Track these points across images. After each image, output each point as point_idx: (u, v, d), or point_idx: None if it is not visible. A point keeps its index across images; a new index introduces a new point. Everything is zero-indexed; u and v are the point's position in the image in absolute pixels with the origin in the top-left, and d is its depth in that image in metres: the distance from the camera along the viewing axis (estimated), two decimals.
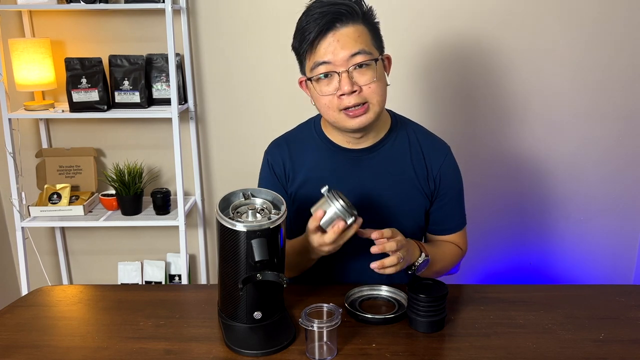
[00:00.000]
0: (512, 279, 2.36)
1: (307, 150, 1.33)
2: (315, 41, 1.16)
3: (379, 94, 1.19)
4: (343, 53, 1.15)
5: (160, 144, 2.25)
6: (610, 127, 2.18)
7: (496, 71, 2.14)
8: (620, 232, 2.31)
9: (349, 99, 1.16)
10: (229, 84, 2.20)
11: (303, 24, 1.18)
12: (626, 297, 1.22)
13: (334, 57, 1.15)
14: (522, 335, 1.07)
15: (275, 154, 1.35)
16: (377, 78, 1.17)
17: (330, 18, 1.14)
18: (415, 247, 1.22)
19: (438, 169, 1.31)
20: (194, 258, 2.42)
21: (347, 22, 1.15)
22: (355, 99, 1.17)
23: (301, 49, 1.19)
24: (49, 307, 1.23)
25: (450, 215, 1.36)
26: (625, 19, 2.06)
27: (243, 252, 1.00)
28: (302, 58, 1.22)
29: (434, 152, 1.32)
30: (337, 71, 1.16)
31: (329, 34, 1.15)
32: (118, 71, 2.08)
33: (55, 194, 2.16)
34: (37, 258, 2.30)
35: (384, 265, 1.11)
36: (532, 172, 2.25)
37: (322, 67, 1.17)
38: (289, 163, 1.33)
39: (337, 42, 1.15)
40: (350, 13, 1.15)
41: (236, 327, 1.07)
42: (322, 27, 1.14)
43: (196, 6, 2.11)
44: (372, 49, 1.18)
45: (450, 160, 1.34)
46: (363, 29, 1.17)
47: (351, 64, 1.15)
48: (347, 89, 1.15)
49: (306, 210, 1.13)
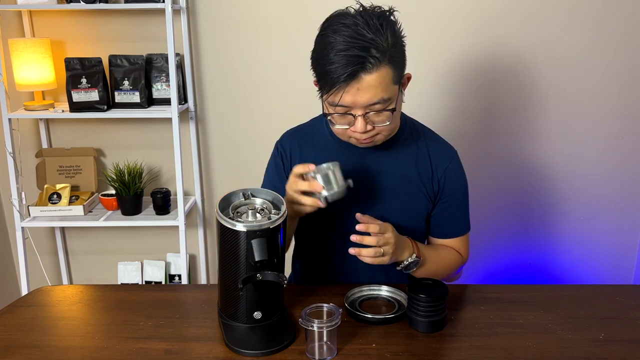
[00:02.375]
0: (512, 279, 2.35)
1: (315, 144, 1.34)
2: (334, 88, 1.12)
3: (391, 129, 1.21)
4: (362, 101, 1.12)
5: (160, 144, 2.25)
6: (610, 126, 2.18)
7: (495, 71, 2.14)
8: (620, 232, 2.31)
9: (361, 135, 1.18)
10: (229, 84, 2.20)
11: (325, 60, 1.11)
12: (626, 297, 1.22)
13: (353, 104, 1.13)
14: (522, 335, 1.07)
15: (284, 143, 1.37)
16: (393, 118, 1.17)
17: (354, 70, 1.09)
18: (408, 245, 1.22)
19: (443, 172, 1.32)
20: (194, 258, 2.42)
21: (371, 70, 1.10)
22: (366, 136, 1.18)
23: (322, 86, 1.16)
24: (49, 307, 1.23)
25: (452, 219, 1.36)
26: (626, 20, 2.06)
27: (243, 252, 1.00)
28: (320, 83, 1.17)
29: (440, 155, 1.33)
30: (354, 114, 1.15)
31: (352, 82, 1.11)
32: (118, 71, 2.08)
33: (55, 194, 2.16)
34: (37, 258, 2.30)
35: (360, 253, 1.14)
36: (533, 172, 2.25)
37: (340, 109, 1.15)
38: (297, 153, 1.35)
39: (357, 90, 1.11)
40: (379, 59, 1.10)
41: (236, 327, 1.07)
42: (346, 78, 1.10)
43: (196, 6, 2.11)
44: (392, 91, 1.14)
45: (456, 165, 1.34)
46: (387, 71, 1.12)
47: (368, 110, 1.14)
48: (361, 129, 1.15)
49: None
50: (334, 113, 1.17)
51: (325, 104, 1.19)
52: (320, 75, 1.15)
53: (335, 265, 1.34)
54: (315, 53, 1.16)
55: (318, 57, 1.15)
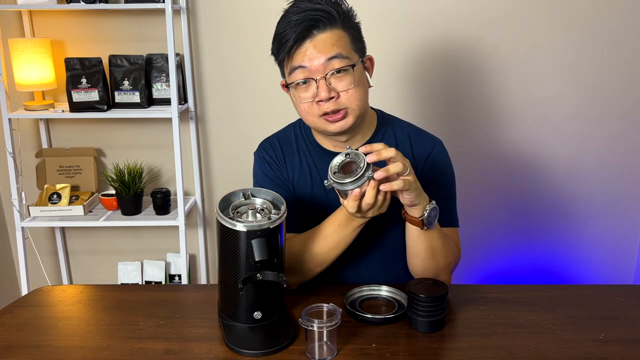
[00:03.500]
0: (512, 279, 2.35)
1: (295, 152, 1.33)
2: (292, 48, 1.15)
3: (358, 98, 1.18)
4: (319, 58, 1.14)
5: (160, 144, 2.25)
6: (609, 126, 2.19)
7: (494, 71, 2.14)
8: (620, 232, 2.31)
9: (327, 105, 1.16)
10: (229, 84, 2.20)
11: (280, 31, 1.17)
12: (626, 297, 1.22)
13: (310, 63, 1.14)
14: (522, 335, 1.07)
15: (270, 152, 1.35)
16: (356, 83, 1.16)
17: (307, 25, 1.13)
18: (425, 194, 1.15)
19: (424, 161, 1.29)
20: (194, 258, 2.42)
21: (324, 28, 1.14)
22: (333, 105, 1.16)
23: (279, 55, 1.19)
24: (49, 307, 1.23)
25: (439, 207, 1.32)
26: (623, 19, 2.07)
27: (243, 252, 1.00)
28: (281, 64, 1.21)
29: (422, 145, 1.31)
30: (315, 77, 1.15)
31: (305, 41, 1.14)
32: (118, 71, 2.08)
33: (55, 194, 2.16)
34: (37, 258, 2.30)
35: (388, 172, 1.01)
36: (532, 172, 2.25)
37: (299, 73, 1.16)
38: (282, 162, 1.33)
39: (313, 47, 1.14)
40: (328, 19, 1.14)
41: (236, 327, 1.07)
42: (298, 34, 1.13)
43: (196, 6, 2.11)
44: (350, 53, 1.17)
45: (439, 153, 1.31)
46: (341, 33, 1.16)
47: (328, 70, 1.14)
48: (324, 95, 1.14)
49: (293, 211, 1.13)
50: (295, 83, 1.17)
51: (287, 81, 1.20)
52: (277, 49, 1.18)
53: (335, 266, 1.33)
54: (273, 40, 1.20)
55: (274, 36, 1.19)
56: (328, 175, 1.05)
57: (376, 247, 1.32)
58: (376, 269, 1.33)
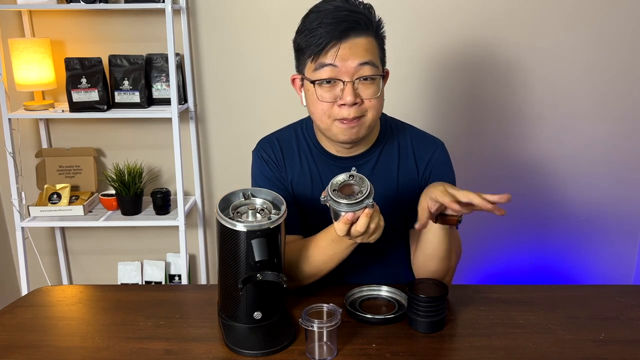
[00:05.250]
0: (512, 279, 2.35)
1: (296, 153, 1.32)
2: (328, 45, 1.12)
3: (377, 109, 1.18)
4: (352, 61, 1.12)
5: (160, 144, 2.25)
6: (610, 127, 2.18)
7: (497, 71, 2.14)
8: (620, 232, 2.31)
9: (349, 110, 1.14)
10: (229, 84, 2.19)
11: (314, 25, 1.12)
12: (626, 297, 1.22)
13: (342, 63, 1.12)
14: (522, 336, 1.07)
15: (269, 151, 1.33)
16: (380, 94, 1.16)
17: (346, 27, 1.11)
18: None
19: (426, 164, 1.29)
20: (194, 258, 2.42)
21: (361, 33, 1.12)
22: (354, 112, 1.14)
23: (309, 49, 1.14)
24: (49, 307, 1.22)
25: None
26: (629, 19, 2.06)
27: (243, 252, 1.00)
28: (304, 57, 1.17)
29: (423, 148, 1.31)
30: (342, 79, 1.13)
31: (342, 41, 1.11)
32: (118, 71, 2.08)
33: (55, 194, 2.16)
34: (37, 258, 2.30)
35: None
36: (532, 172, 2.25)
37: (327, 71, 1.13)
38: (281, 162, 1.32)
39: (348, 48, 1.11)
40: (366, 24, 1.13)
41: (236, 327, 1.07)
42: (335, 36, 1.10)
43: (196, 6, 2.11)
44: (379, 64, 1.16)
45: (440, 154, 1.31)
46: (374, 42, 1.15)
47: (358, 75, 1.13)
48: (350, 100, 1.12)
49: (291, 212, 1.11)
50: (320, 81, 1.14)
51: (308, 77, 1.16)
52: (306, 43, 1.14)
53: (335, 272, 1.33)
54: (300, 27, 1.17)
55: (303, 29, 1.15)
56: (327, 190, 1.03)
57: (379, 255, 1.33)
58: (379, 277, 1.32)
